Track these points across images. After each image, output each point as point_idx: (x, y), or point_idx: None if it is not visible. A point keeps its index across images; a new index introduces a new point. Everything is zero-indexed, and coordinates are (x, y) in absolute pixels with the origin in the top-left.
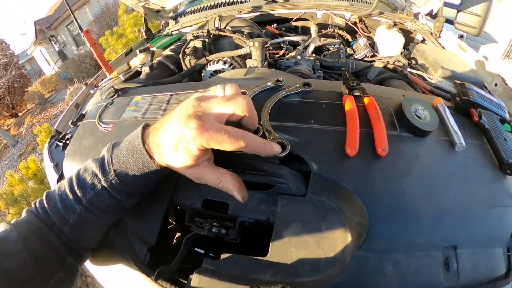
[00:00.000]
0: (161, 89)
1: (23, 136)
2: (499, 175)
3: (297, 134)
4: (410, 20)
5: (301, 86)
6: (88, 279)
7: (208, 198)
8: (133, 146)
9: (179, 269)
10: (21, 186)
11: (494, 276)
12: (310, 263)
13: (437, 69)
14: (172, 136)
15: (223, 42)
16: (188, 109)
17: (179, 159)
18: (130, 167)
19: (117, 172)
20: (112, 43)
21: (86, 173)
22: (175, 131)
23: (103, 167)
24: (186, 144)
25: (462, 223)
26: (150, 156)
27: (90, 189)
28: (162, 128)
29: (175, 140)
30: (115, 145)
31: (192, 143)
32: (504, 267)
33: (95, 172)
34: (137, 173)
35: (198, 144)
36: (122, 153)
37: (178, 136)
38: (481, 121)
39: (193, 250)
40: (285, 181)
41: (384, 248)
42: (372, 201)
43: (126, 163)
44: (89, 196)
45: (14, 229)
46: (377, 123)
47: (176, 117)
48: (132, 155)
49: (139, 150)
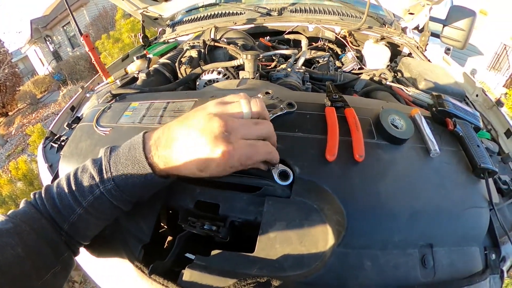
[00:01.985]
0: (158, 96)
1: (12, 136)
2: (473, 178)
3: (283, 141)
4: (397, 34)
5: (285, 107)
6: (76, 284)
7: (200, 200)
8: (134, 157)
9: (172, 266)
10: (10, 187)
11: (471, 273)
12: (293, 259)
13: (421, 81)
14: (196, 155)
15: (218, 53)
16: (213, 128)
17: (200, 174)
18: (131, 178)
19: (116, 181)
20: (108, 47)
21: (84, 175)
22: (200, 152)
23: (101, 174)
24: (215, 166)
25: (438, 222)
26: (153, 168)
27: (89, 193)
28: (177, 142)
29: (201, 161)
30: (113, 150)
31: (224, 166)
32: (481, 265)
33: (93, 176)
34: (138, 184)
35: (227, 167)
36: (122, 162)
37: (205, 158)
38: (455, 129)
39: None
40: (271, 183)
41: (362, 244)
42: (350, 201)
43: (126, 173)
44: (89, 200)
45: (9, 221)
46: (355, 132)
47: (199, 135)
48: (132, 166)
49: (141, 163)
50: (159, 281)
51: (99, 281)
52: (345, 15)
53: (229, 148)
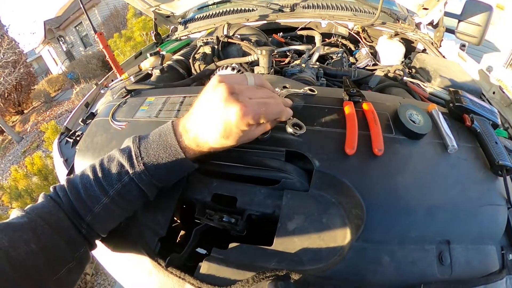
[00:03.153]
0: (173, 91)
1: (28, 133)
2: (490, 175)
3: (302, 135)
4: (411, 30)
5: (306, 90)
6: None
7: (217, 193)
8: (166, 142)
9: (188, 258)
10: (25, 181)
11: (487, 272)
12: (312, 252)
13: (436, 77)
14: (215, 123)
15: (231, 49)
16: (221, 92)
17: (227, 142)
18: (162, 162)
19: (147, 165)
20: (121, 45)
21: (111, 164)
22: (217, 118)
23: (131, 160)
24: (235, 128)
25: (454, 219)
26: (184, 151)
27: (117, 181)
28: (197, 119)
29: (222, 127)
30: (142, 138)
31: (241, 125)
32: (497, 264)
33: (122, 163)
34: (169, 168)
35: (245, 124)
36: (153, 147)
37: (223, 122)
38: (473, 125)
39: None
40: (289, 177)
41: (380, 239)
42: (368, 196)
43: (158, 157)
44: (117, 188)
45: (25, 216)
46: (374, 126)
47: (211, 106)
48: (164, 150)
49: (173, 146)
50: (176, 273)
51: (114, 274)
52: (358, 10)
53: (241, 105)
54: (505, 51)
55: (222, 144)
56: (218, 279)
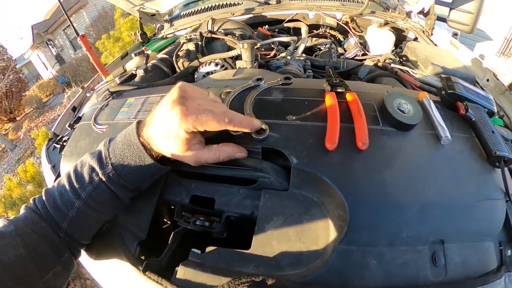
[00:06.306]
0: (154, 91)
1: (21, 140)
2: (487, 167)
3: (279, 130)
4: (402, 19)
5: (282, 79)
6: (87, 281)
7: (196, 194)
8: (129, 141)
9: (171, 262)
10: (20, 189)
11: (485, 270)
12: (292, 256)
13: (428, 65)
14: (162, 124)
15: (215, 45)
16: (173, 94)
17: (172, 146)
18: (127, 161)
19: (114, 165)
20: (109, 46)
21: (83, 168)
22: (163, 120)
23: (101, 161)
24: (174, 130)
25: (449, 216)
26: (145, 149)
27: (88, 183)
28: (153, 120)
29: (164, 128)
30: (111, 140)
31: (179, 128)
32: (495, 261)
33: (93, 166)
34: (134, 166)
35: (185, 128)
36: (119, 147)
37: (166, 124)
38: (467, 114)
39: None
40: (267, 176)
41: (366, 241)
42: (352, 194)
43: (123, 156)
44: (88, 190)
45: (11, 224)
46: (358, 118)
47: (163, 106)
48: (128, 149)
49: (135, 144)
50: (153, 278)
51: (99, 279)
52: (346, 0)
53: (184, 108)
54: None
55: (167, 148)
56: (194, 284)
